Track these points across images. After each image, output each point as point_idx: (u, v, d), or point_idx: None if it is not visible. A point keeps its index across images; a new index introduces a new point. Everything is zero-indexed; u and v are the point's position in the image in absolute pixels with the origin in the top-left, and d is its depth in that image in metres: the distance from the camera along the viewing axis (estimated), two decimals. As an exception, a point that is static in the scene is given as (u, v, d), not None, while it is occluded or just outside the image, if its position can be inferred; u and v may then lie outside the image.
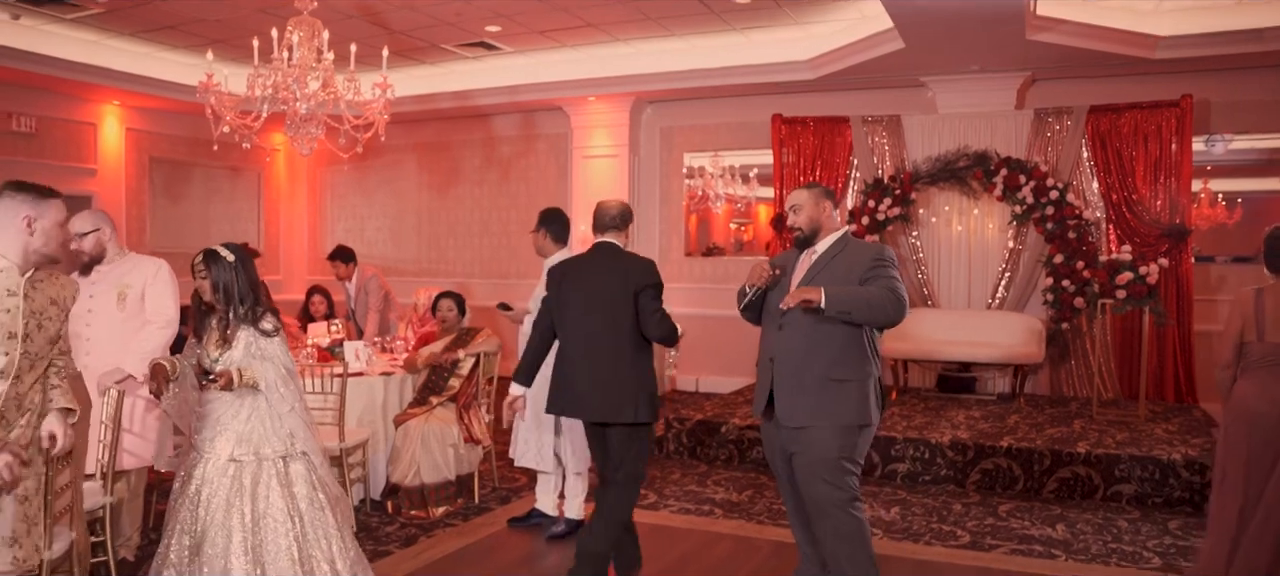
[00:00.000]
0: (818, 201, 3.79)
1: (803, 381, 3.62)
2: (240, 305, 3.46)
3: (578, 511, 5.05)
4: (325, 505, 3.49)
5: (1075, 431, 6.62)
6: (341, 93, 6.64)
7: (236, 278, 3.46)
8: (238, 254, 3.51)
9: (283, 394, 3.46)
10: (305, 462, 3.49)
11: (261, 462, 3.40)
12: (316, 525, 3.44)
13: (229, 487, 3.35)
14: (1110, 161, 8.16)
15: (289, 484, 3.43)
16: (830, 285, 3.54)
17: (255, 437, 3.42)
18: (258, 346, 3.45)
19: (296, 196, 12.37)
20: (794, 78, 8.69)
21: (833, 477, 3.58)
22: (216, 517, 3.31)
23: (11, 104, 9.16)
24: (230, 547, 3.28)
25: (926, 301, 8.82)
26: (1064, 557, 4.77)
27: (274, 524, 3.35)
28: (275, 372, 3.45)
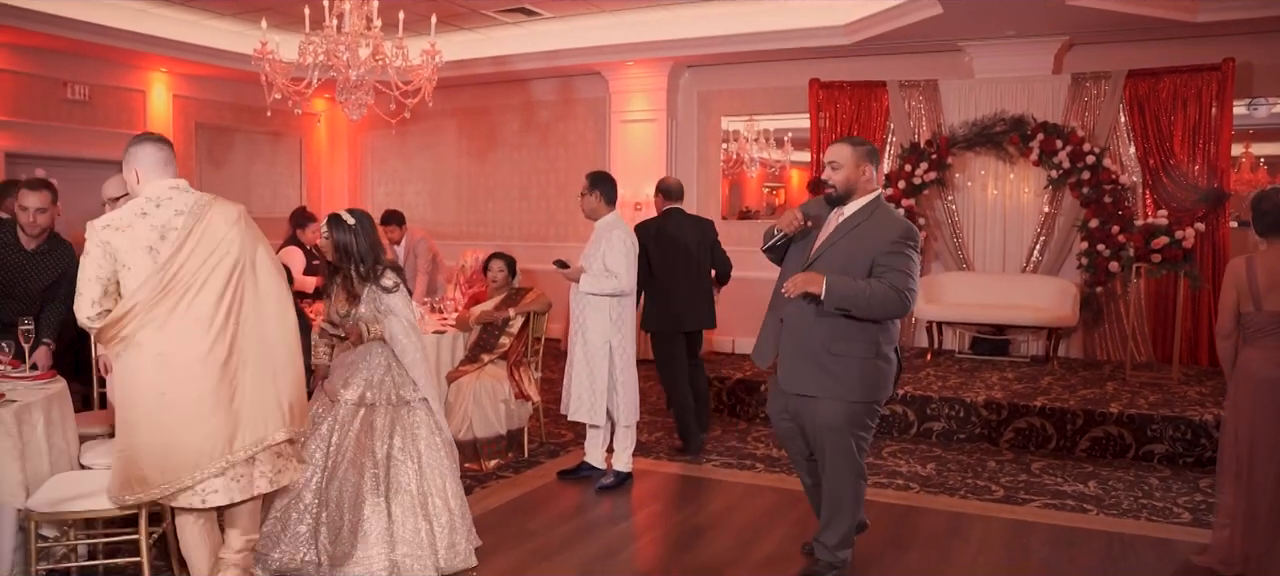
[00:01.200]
0: (859, 163, 3.66)
1: (805, 350, 3.66)
2: (361, 264, 3.82)
3: (626, 464, 5.26)
4: (441, 446, 3.85)
5: (1108, 392, 6.74)
6: (390, 59, 6.81)
7: (356, 239, 3.81)
8: (359, 217, 3.85)
9: (405, 345, 3.82)
10: (425, 408, 3.85)
11: (388, 407, 3.78)
12: (434, 464, 3.80)
13: (359, 428, 3.75)
14: (1148, 126, 8.18)
15: (413, 426, 3.80)
16: (843, 261, 3.55)
17: (384, 385, 3.81)
18: (382, 302, 3.82)
19: (337, 161, 12.60)
20: (831, 43, 8.75)
21: (837, 447, 3.68)
22: (348, 454, 3.70)
23: (67, 72, 9.42)
24: (361, 482, 3.65)
25: (961, 265, 8.92)
26: (1096, 511, 4.93)
27: (398, 462, 3.72)
28: (399, 325, 3.81)
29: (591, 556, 4.24)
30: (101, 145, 9.76)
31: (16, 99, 9.09)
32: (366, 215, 3.91)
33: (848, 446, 3.68)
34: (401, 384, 3.84)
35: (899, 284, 3.51)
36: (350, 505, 3.66)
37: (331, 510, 3.69)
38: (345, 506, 3.66)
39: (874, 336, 3.62)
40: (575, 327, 5.16)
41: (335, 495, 3.68)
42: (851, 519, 3.81)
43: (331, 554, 3.66)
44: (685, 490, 5.28)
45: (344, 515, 3.67)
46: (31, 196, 4.52)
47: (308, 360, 5.43)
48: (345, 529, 3.66)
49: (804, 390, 3.68)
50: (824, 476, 3.79)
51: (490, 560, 4.11)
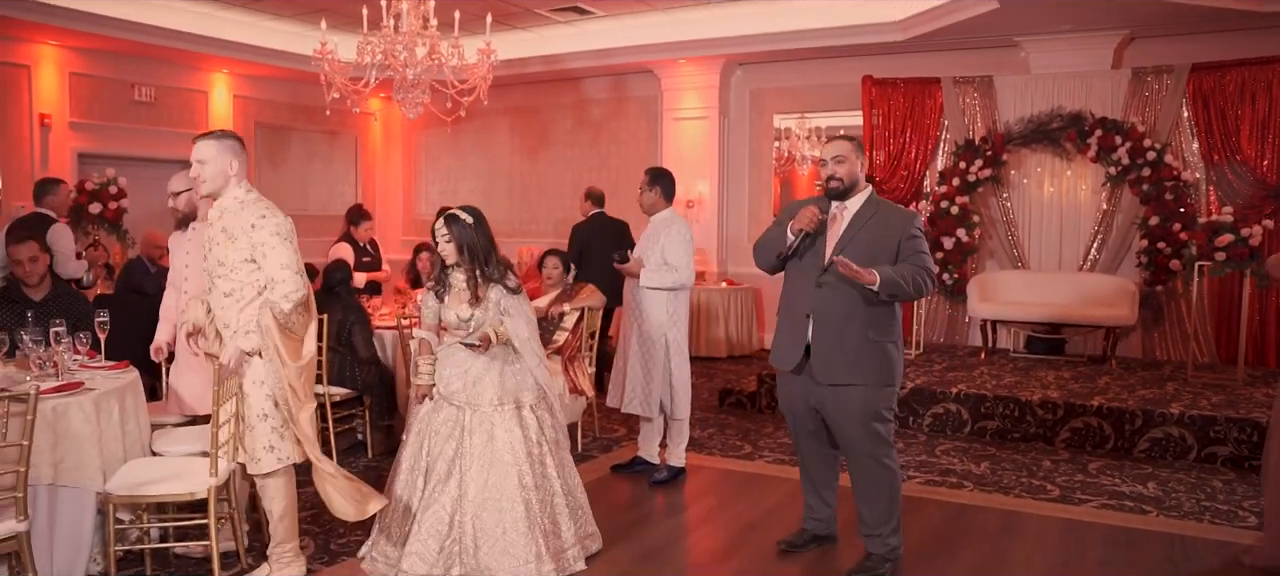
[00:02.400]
0: (859, 155, 3.84)
1: (843, 341, 3.74)
2: (485, 264, 3.73)
3: (680, 459, 5.30)
4: (562, 443, 3.93)
5: (1168, 393, 6.61)
6: (446, 58, 6.91)
7: (478, 237, 3.71)
8: (474, 215, 3.73)
9: (532, 349, 3.80)
10: (549, 411, 3.89)
11: (520, 409, 3.76)
12: (568, 464, 3.93)
13: (493, 432, 3.70)
14: (1213, 120, 7.99)
15: (543, 427, 3.82)
16: (867, 253, 3.67)
17: (512, 387, 3.77)
18: (506, 303, 3.74)
19: (391, 159, 12.80)
20: (884, 39, 8.70)
21: (871, 431, 3.77)
22: (483, 458, 3.66)
23: (134, 75, 9.70)
24: (505, 488, 3.63)
25: (1016, 263, 8.81)
26: (1156, 513, 4.85)
27: (541, 461, 3.76)
28: (525, 325, 3.78)
29: (646, 550, 4.28)
30: (166, 145, 10.05)
31: (88, 101, 9.39)
32: (480, 212, 3.80)
33: (882, 431, 3.80)
34: (528, 386, 3.82)
35: (928, 265, 3.76)
36: (494, 503, 3.64)
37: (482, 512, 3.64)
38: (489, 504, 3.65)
39: (896, 326, 3.82)
40: (630, 321, 5.20)
41: (474, 496, 3.64)
42: (896, 504, 3.90)
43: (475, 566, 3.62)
44: (739, 485, 5.30)
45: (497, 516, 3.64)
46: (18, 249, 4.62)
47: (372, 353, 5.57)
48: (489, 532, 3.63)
49: (840, 380, 3.76)
50: (857, 469, 3.88)
51: (546, 551, 4.17)
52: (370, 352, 5.57)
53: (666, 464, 5.32)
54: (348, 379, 5.52)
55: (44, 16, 8.14)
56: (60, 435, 3.42)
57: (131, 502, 3.58)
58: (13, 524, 2.94)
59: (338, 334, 5.48)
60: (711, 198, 10.15)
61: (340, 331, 5.49)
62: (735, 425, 6.77)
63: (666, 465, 5.31)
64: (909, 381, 6.86)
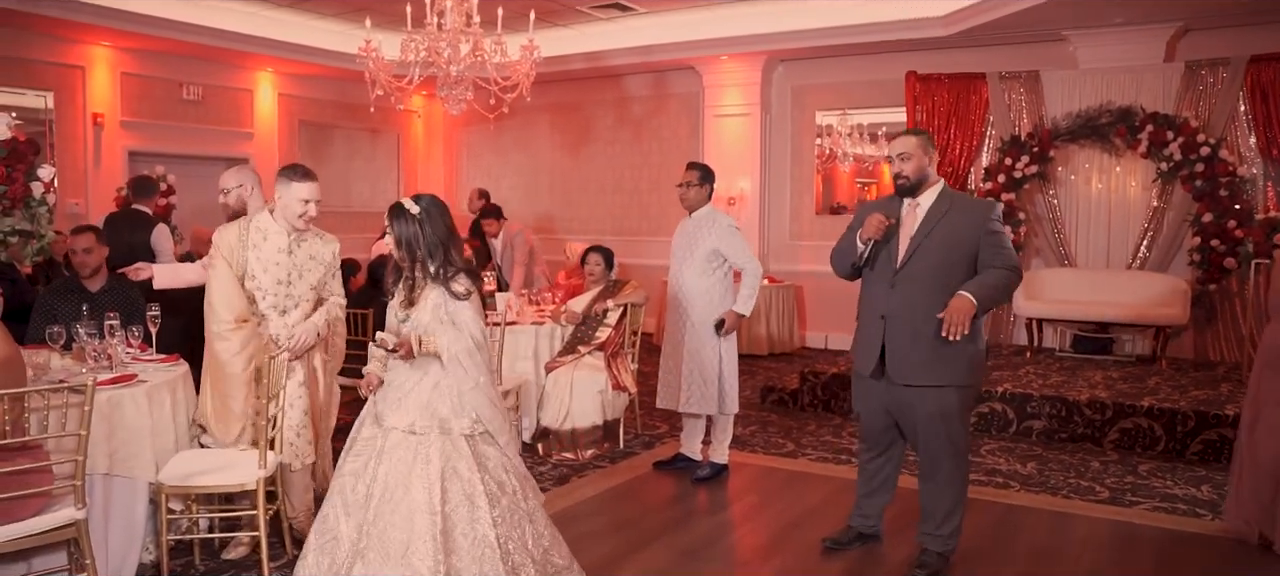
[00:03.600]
0: (926, 150, 3.75)
1: (919, 341, 3.68)
2: (429, 261, 3.09)
3: (723, 456, 5.29)
4: (518, 488, 3.13)
5: (1222, 394, 6.47)
6: (489, 55, 6.95)
7: (422, 232, 3.07)
8: (426, 206, 3.11)
9: (466, 368, 3.05)
10: (494, 445, 3.12)
11: (448, 438, 3.03)
12: (514, 511, 3.07)
13: (411, 463, 2.99)
14: (1272, 114, 7.78)
15: (483, 464, 3.06)
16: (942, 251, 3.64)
17: (441, 410, 3.05)
18: (446, 309, 3.08)
19: (433, 156, 12.91)
20: (928, 34, 8.60)
21: (948, 432, 3.72)
22: (396, 495, 2.95)
23: (182, 74, 9.88)
24: (413, 530, 2.90)
25: (1063, 260, 8.67)
26: (1211, 517, 4.74)
27: (467, 507, 2.97)
28: (460, 343, 3.05)
29: (688, 545, 4.27)
30: (214, 143, 10.22)
31: (138, 100, 9.57)
32: (438, 203, 3.18)
33: (959, 432, 3.75)
34: (462, 413, 3.07)
35: (1010, 262, 3.66)
36: (398, 556, 2.89)
37: (372, 561, 2.91)
38: (391, 556, 2.90)
39: (976, 324, 3.67)
40: (679, 319, 5.18)
41: (378, 546, 2.92)
42: (961, 506, 3.88)
43: None
44: (781, 483, 5.27)
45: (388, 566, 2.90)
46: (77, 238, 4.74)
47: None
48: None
49: (917, 380, 3.71)
50: (930, 466, 3.83)
51: (588, 548, 4.18)
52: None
53: (710, 460, 5.31)
54: (392, 373, 5.55)
55: (98, 18, 8.31)
56: (115, 426, 3.49)
57: (183, 492, 3.65)
58: (71, 511, 3.00)
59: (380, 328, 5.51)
60: (753, 195, 10.10)
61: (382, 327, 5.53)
62: (777, 423, 6.73)
63: (710, 461, 5.30)
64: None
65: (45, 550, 3.24)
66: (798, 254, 10.22)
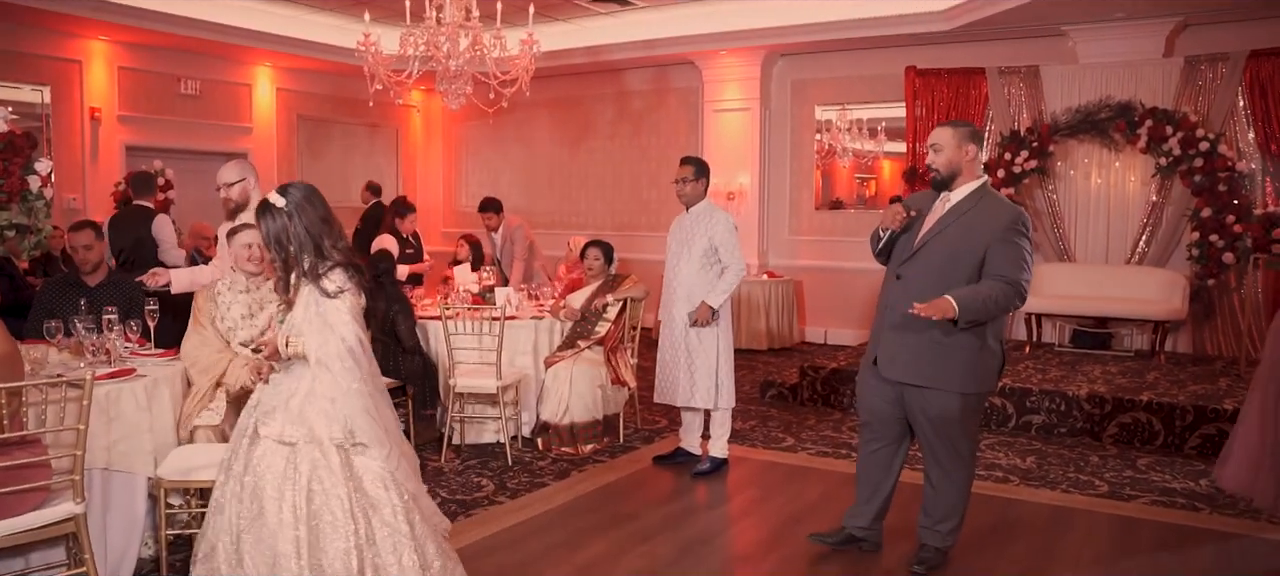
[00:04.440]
0: (961, 144, 3.60)
1: (915, 339, 3.59)
2: (301, 257, 2.87)
3: (723, 450, 5.29)
4: (400, 508, 2.87)
5: (1221, 389, 6.47)
6: (488, 50, 6.93)
7: (290, 226, 2.86)
8: (296, 198, 2.88)
9: (335, 373, 2.82)
10: (371, 457, 2.88)
11: (319, 448, 2.81)
12: (388, 533, 2.83)
13: (281, 475, 2.81)
14: (1271, 109, 7.77)
15: (356, 479, 2.84)
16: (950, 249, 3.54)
17: (311, 419, 2.83)
18: (318, 308, 2.84)
19: (432, 151, 12.89)
20: (928, 29, 8.59)
21: (950, 438, 3.66)
22: (267, 508, 2.79)
23: (180, 68, 9.86)
24: (278, 546, 2.75)
25: (1062, 255, 8.67)
26: (1209, 511, 4.74)
27: (332, 523, 2.77)
28: (329, 346, 2.82)
29: (688, 540, 4.27)
30: (212, 137, 10.21)
31: (135, 95, 9.56)
32: (310, 195, 2.93)
33: (961, 437, 3.68)
34: (327, 419, 2.83)
35: (1012, 276, 3.46)
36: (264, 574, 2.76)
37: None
38: (257, 573, 2.77)
39: (983, 326, 3.57)
40: (676, 314, 5.17)
41: (249, 560, 2.78)
42: (964, 503, 3.83)
43: None
44: (782, 478, 5.27)
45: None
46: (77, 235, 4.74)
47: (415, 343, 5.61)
48: None
49: (913, 380, 3.63)
50: (934, 467, 3.78)
51: (588, 542, 4.19)
52: (414, 342, 5.61)
53: (709, 455, 5.30)
54: (391, 368, 5.55)
55: (95, 12, 8.29)
56: (113, 420, 3.49)
57: (182, 486, 3.64)
58: (70, 506, 2.99)
59: (382, 324, 5.52)
60: (752, 189, 10.09)
61: (384, 321, 5.53)
62: (777, 417, 6.73)
63: (709, 456, 5.29)
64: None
65: (43, 545, 3.24)
66: (797, 249, 10.21)
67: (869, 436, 3.93)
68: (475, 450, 5.67)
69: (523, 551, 4.07)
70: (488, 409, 5.71)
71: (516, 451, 5.60)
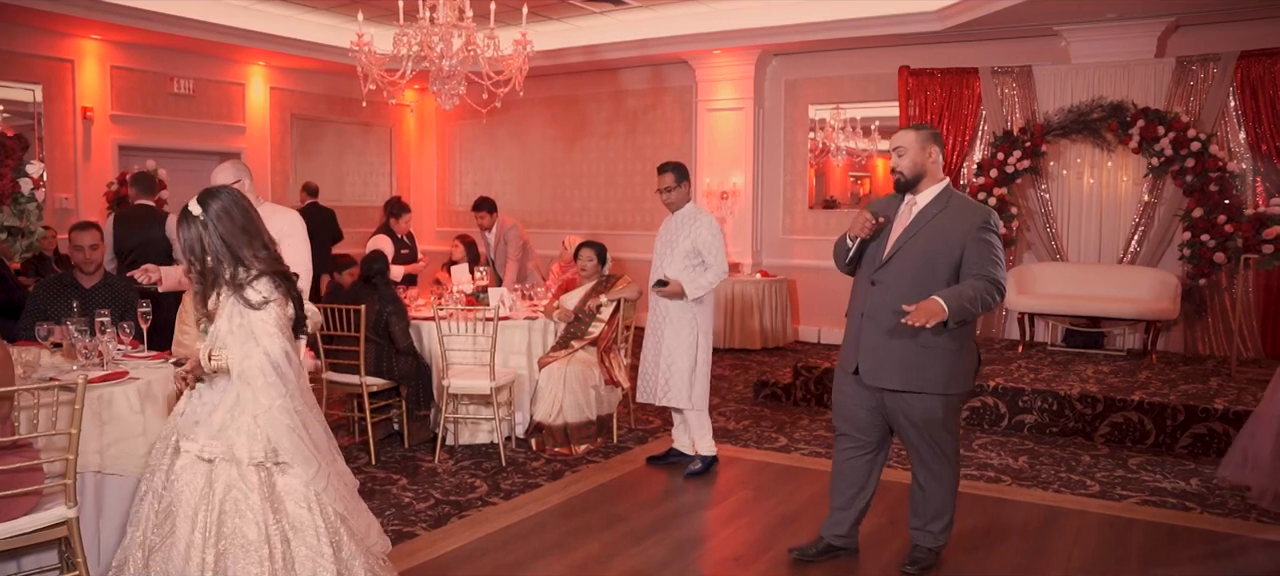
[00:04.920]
0: (924, 146, 3.62)
1: (893, 343, 3.57)
2: (221, 267, 2.77)
3: (710, 448, 5.32)
4: (324, 531, 2.76)
5: (1212, 388, 6.50)
6: (481, 49, 6.92)
7: (205, 236, 2.76)
8: (214, 208, 2.78)
9: (257, 388, 2.70)
10: (294, 477, 2.76)
11: (237, 466, 2.71)
12: (309, 555, 2.73)
13: (198, 493, 2.71)
14: (1262, 110, 7.81)
15: (276, 500, 2.73)
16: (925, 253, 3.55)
17: (231, 435, 2.72)
18: (241, 319, 2.74)
19: (426, 150, 12.88)
20: (922, 29, 8.61)
21: (935, 439, 3.67)
22: (180, 527, 2.70)
23: (173, 67, 9.84)
24: (186, 569, 2.66)
25: (1055, 255, 8.70)
26: (1199, 510, 4.77)
27: (244, 547, 2.66)
28: (252, 359, 2.71)
29: (681, 541, 4.28)
30: (205, 137, 10.20)
31: (128, 94, 9.54)
32: (231, 202, 2.81)
33: (946, 437, 3.70)
34: (254, 438, 2.71)
35: (992, 274, 3.50)
36: None
37: None
38: None
39: (961, 328, 3.59)
40: (659, 315, 5.21)
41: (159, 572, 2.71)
42: (952, 502, 3.85)
43: None
44: (774, 478, 5.29)
45: None
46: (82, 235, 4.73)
47: (408, 343, 5.62)
48: None
49: (892, 384, 3.62)
50: (922, 469, 3.79)
51: (581, 543, 4.20)
52: (407, 343, 5.61)
53: (698, 454, 5.32)
54: (385, 369, 5.56)
55: (87, 11, 8.26)
56: (106, 423, 3.48)
57: (175, 490, 3.64)
58: (62, 510, 3.00)
59: (375, 324, 5.52)
60: (746, 189, 10.10)
61: (378, 322, 5.54)
62: (770, 417, 6.75)
63: (699, 455, 5.31)
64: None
65: (36, 549, 3.23)
66: (791, 248, 10.23)
67: (847, 444, 3.90)
68: (469, 451, 5.68)
69: (516, 552, 4.08)
70: (481, 409, 5.71)
71: (510, 452, 5.61)
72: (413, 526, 4.37)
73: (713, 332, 5.36)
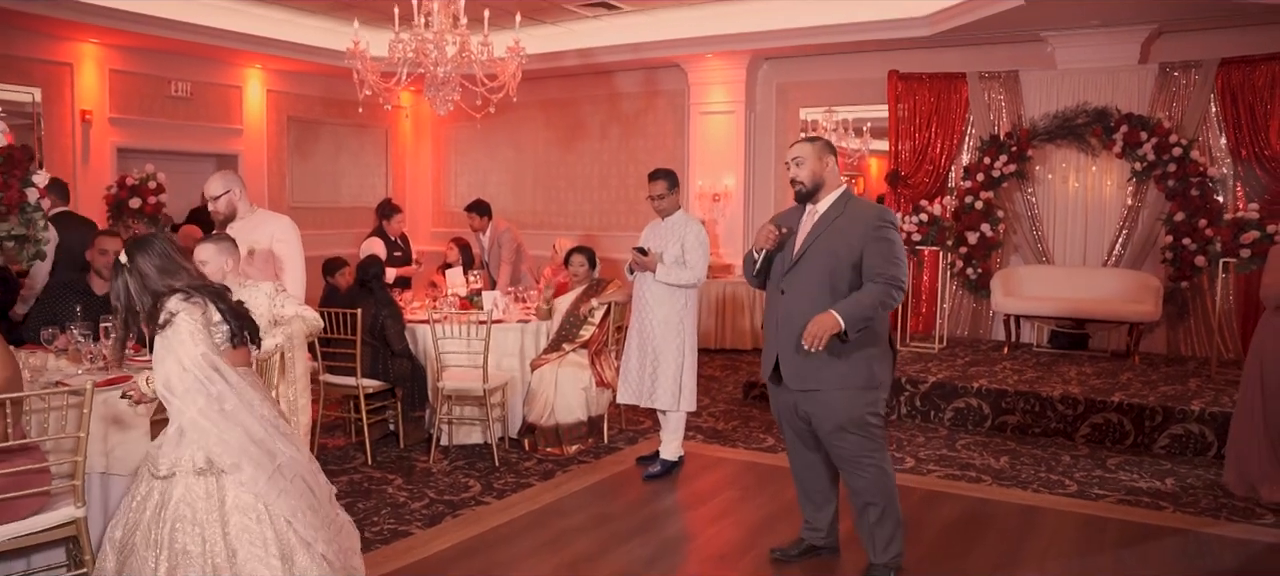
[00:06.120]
0: (820, 156, 3.72)
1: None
2: (141, 306, 2.89)
3: (673, 452, 5.45)
4: (271, 541, 2.78)
5: (1190, 389, 6.65)
6: (475, 55, 7.03)
7: (130, 282, 2.90)
8: (131, 253, 2.92)
9: (178, 396, 2.78)
10: (246, 488, 2.79)
11: (183, 479, 2.77)
12: (256, 567, 2.76)
13: (150, 513, 2.79)
14: (1242, 116, 7.95)
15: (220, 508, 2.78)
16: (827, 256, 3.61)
17: (177, 449, 2.80)
18: (160, 341, 2.83)
19: (421, 152, 12.98)
20: (911, 34, 8.74)
21: (851, 436, 3.68)
22: (135, 544, 2.79)
23: (171, 70, 9.93)
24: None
25: (1040, 258, 8.84)
26: (1172, 509, 4.91)
27: (189, 558, 2.73)
28: (169, 373, 2.78)
29: (668, 539, 4.41)
30: (202, 139, 10.30)
31: (126, 97, 9.63)
32: (144, 246, 2.94)
33: (865, 437, 3.69)
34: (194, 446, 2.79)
35: (888, 271, 3.58)
36: None
37: None
38: None
39: (875, 324, 3.65)
40: (643, 318, 5.34)
41: None
42: (891, 510, 3.79)
43: None
44: (763, 477, 5.41)
45: None
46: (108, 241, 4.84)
47: (404, 346, 5.73)
48: None
49: (810, 385, 3.68)
50: (845, 473, 3.80)
51: (572, 542, 4.33)
52: (402, 345, 5.73)
53: (661, 458, 5.43)
54: (381, 371, 5.68)
55: (86, 15, 8.35)
56: (112, 426, 3.60)
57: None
58: (71, 510, 3.12)
59: (371, 327, 5.64)
60: (737, 191, 10.23)
61: (373, 325, 5.65)
62: (759, 417, 6.88)
63: (661, 459, 5.43)
64: (930, 375, 6.94)
65: (45, 547, 3.35)
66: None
67: (797, 447, 4.00)
68: (463, 451, 5.80)
69: (508, 551, 4.21)
70: (475, 410, 5.83)
71: (503, 452, 5.74)
72: (408, 525, 4.49)
73: (698, 333, 5.48)
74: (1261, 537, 4.50)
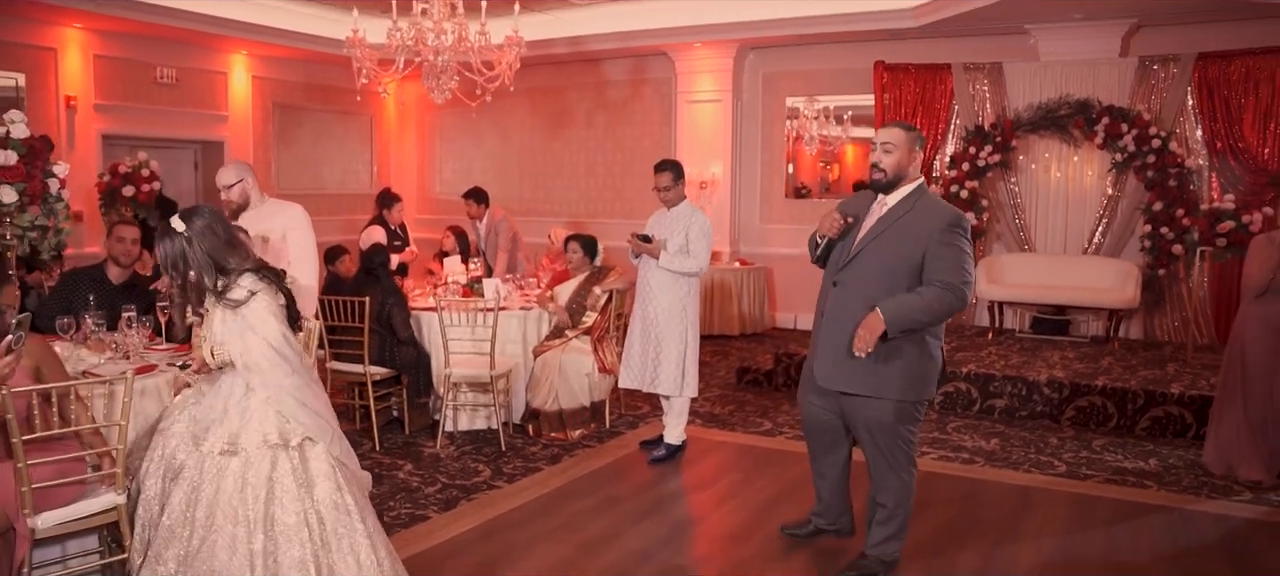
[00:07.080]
0: (912, 148, 3.54)
1: (848, 346, 3.45)
2: (205, 278, 2.96)
3: (676, 437, 5.58)
4: (352, 508, 2.94)
5: (1169, 373, 6.87)
6: (473, 43, 7.08)
7: (190, 251, 2.94)
8: (197, 226, 2.96)
9: (264, 372, 2.90)
10: (319, 452, 2.95)
11: (268, 453, 2.88)
12: (341, 532, 2.90)
13: (231, 489, 2.85)
14: (1217, 109, 8.19)
15: (307, 479, 2.90)
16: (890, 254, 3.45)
17: (254, 424, 2.90)
18: (235, 315, 2.93)
19: (406, 138, 12.97)
20: (897, 25, 8.89)
21: (886, 447, 3.59)
22: (218, 522, 2.82)
23: (157, 57, 9.86)
24: (233, 562, 2.78)
25: (1023, 246, 9.05)
26: (1156, 487, 5.12)
27: (286, 530, 2.82)
28: (254, 349, 2.90)
29: (678, 521, 4.54)
30: (188, 125, 10.25)
31: (111, 83, 9.56)
32: (212, 220, 3.00)
33: (898, 444, 3.62)
34: (272, 422, 2.91)
35: (952, 278, 3.38)
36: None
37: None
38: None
39: (921, 333, 3.51)
40: (647, 304, 5.45)
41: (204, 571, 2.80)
42: (904, 515, 3.76)
43: None
44: (762, 460, 5.56)
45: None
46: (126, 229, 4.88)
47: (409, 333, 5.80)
48: None
49: (849, 388, 3.56)
50: (872, 469, 3.73)
51: (583, 524, 4.44)
52: (408, 333, 5.81)
53: (665, 442, 5.57)
54: (387, 358, 5.75)
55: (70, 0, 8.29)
56: (138, 414, 3.65)
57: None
58: (112, 497, 3.19)
59: (377, 315, 5.70)
60: (724, 179, 10.35)
61: (380, 313, 5.72)
62: (754, 402, 7.02)
63: (665, 443, 5.56)
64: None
65: (79, 534, 3.41)
66: (768, 237, 10.51)
67: (816, 443, 3.97)
68: (468, 436, 5.89)
69: (526, 533, 4.32)
70: (480, 396, 5.92)
71: (509, 437, 5.83)
72: (424, 510, 4.59)
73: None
74: (1240, 513, 4.72)
